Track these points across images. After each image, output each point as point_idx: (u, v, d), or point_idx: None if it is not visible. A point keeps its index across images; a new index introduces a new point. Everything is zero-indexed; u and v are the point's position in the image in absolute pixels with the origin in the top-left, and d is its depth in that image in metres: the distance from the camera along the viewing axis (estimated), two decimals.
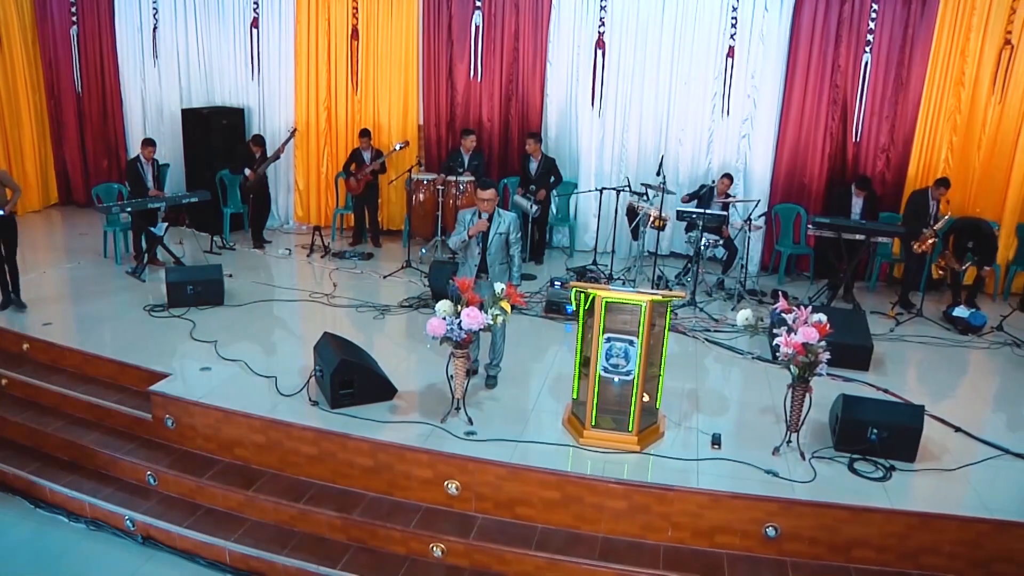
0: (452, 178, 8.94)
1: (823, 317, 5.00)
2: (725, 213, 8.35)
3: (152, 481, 5.56)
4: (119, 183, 9.57)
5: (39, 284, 7.99)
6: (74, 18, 10.52)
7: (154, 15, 10.26)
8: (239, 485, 5.34)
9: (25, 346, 6.69)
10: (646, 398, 5.19)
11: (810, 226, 8.29)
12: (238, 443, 5.53)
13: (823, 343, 4.88)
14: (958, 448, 5.43)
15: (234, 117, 10.07)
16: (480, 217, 5.71)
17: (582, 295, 5.10)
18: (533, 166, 9.14)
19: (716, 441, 5.30)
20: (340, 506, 5.13)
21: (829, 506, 4.74)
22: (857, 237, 8.06)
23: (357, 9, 9.70)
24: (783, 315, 5.11)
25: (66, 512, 5.58)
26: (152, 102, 10.57)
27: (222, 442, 5.58)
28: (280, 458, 5.43)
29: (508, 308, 5.16)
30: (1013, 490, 5.00)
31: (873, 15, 8.67)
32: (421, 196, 9.09)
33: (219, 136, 9.82)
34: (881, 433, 5.14)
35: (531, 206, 8.75)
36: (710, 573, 4.67)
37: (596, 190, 9.16)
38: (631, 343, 4.97)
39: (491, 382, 5.99)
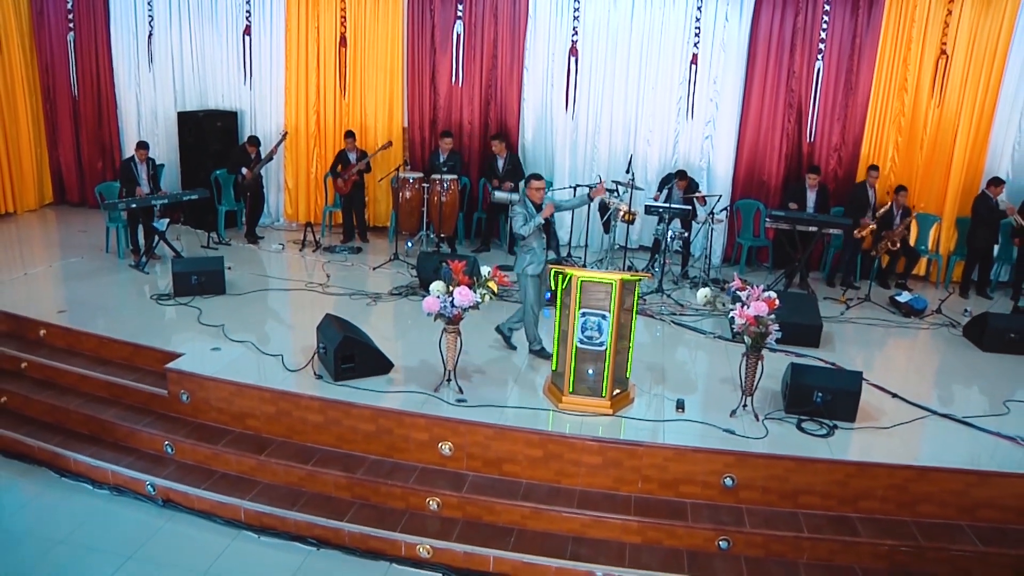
0: (436, 176, 9.53)
1: (773, 294, 5.66)
2: (689, 208, 9.03)
3: (170, 450, 6.05)
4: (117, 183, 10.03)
5: (47, 276, 8.46)
6: (71, 24, 10.96)
7: (149, 22, 10.73)
8: (251, 451, 5.85)
9: (42, 332, 7.13)
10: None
11: (768, 219, 9.00)
12: (249, 414, 6.06)
13: (772, 316, 5.54)
14: (893, 411, 6.12)
15: (228, 120, 10.59)
16: (527, 205, 6.44)
17: (560, 276, 5.73)
18: (500, 164, 9.81)
19: (680, 406, 5.95)
20: (345, 467, 5.66)
21: (779, 458, 5.39)
22: (810, 229, 8.78)
23: (345, 18, 10.27)
24: (738, 292, 5.77)
25: (90, 480, 6.01)
26: (147, 105, 11.02)
27: (234, 413, 6.10)
28: (288, 426, 5.97)
29: (495, 288, 5.77)
30: (935, 443, 5.74)
31: (824, 25, 9.42)
32: (407, 194, 9.67)
33: (214, 138, 10.33)
34: (825, 396, 5.81)
35: (512, 197, 9.42)
36: (675, 519, 5.27)
37: (570, 187, 9.79)
38: (604, 317, 5.60)
39: (545, 353, 6.64)
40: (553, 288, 5.91)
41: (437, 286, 5.67)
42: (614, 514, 5.30)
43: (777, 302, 5.58)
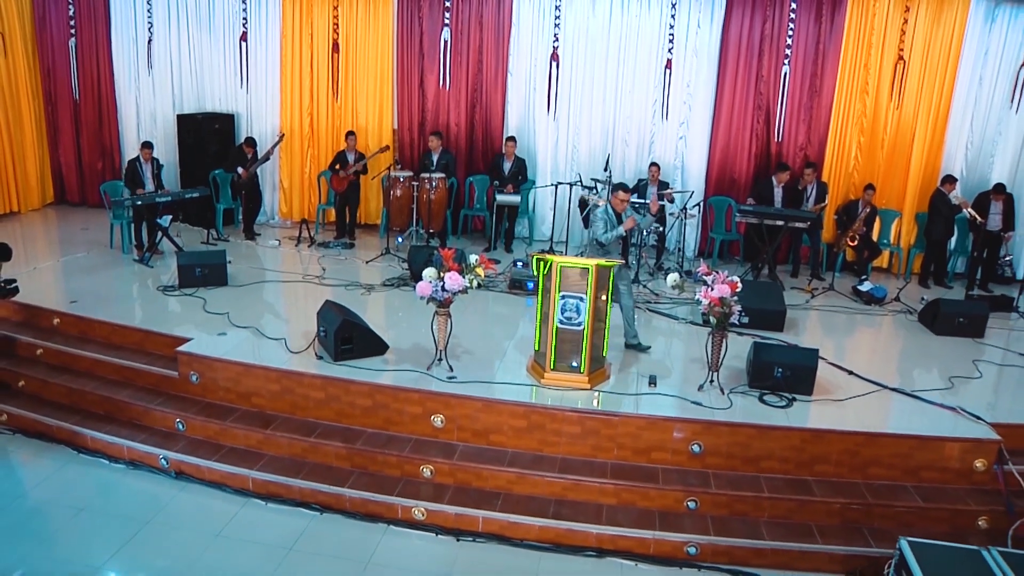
0: (425, 175, 10.04)
1: (735, 277, 6.20)
2: (663, 203, 9.57)
3: (181, 427, 6.48)
4: (122, 182, 10.46)
5: (56, 271, 8.88)
6: (72, 31, 11.38)
7: (149, 28, 11.18)
8: (258, 426, 6.29)
9: (56, 320, 7.54)
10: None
11: (738, 214, 9.57)
12: (255, 393, 6.52)
13: (735, 297, 6.08)
14: (849, 386, 6.66)
15: (225, 122, 11.05)
16: (608, 213, 6.97)
17: (541, 262, 6.24)
18: (506, 165, 10.31)
19: (652, 381, 6.47)
20: (344, 439, 6.12)
21: (742, 426, 5.90)
22: (777, 223, 9.35)
23: (338, 25, 10.76)
24: (703, 277, 6.31)
25: (106, 456, 6.42)
26: (146, 108, 11.46)
27: (241, 392, 6.55)
28: (292, 403, 6.42)
29: (482, 274, 6.29)
30: (885, 413, 6.28)
31: (791, 32, 10.01)
32: (398, 192, 10.16)
33: (212, 139, 10.79)
34: (785, 372, 6.35)
35: (515, 200, 10.05)
36: (648, 482, 5.77)
37: (552, 185, 10.31)
38: (581, 299, 6.10)
39: (641, 347, 7.18)
40: (536, 273, 6.42)
41: (429, 272, 6.16)
42: (592, 478, 5.78)
43: (739, 285, 6.12)
